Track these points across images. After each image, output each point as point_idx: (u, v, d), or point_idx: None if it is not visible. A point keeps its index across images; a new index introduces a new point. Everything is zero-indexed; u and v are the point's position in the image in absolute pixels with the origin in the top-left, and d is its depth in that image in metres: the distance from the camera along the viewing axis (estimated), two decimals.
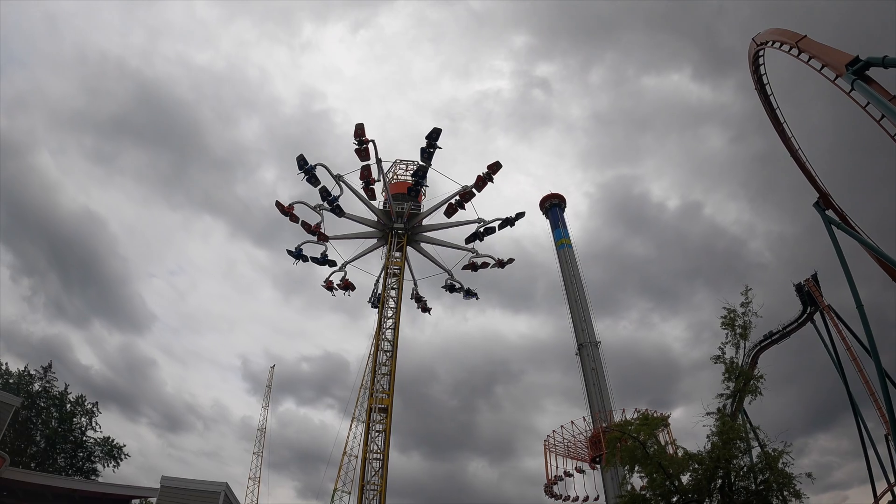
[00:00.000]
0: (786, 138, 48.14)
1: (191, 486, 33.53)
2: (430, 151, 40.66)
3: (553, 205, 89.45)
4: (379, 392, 37.05)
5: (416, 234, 45.66)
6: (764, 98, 46.58)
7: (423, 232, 45.93)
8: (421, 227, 45.52)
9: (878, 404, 57.29)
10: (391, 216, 44.29)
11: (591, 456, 70.67)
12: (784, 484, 24.49)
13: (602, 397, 68.22)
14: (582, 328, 74.67)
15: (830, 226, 47.15)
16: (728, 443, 25.20)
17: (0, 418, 30.83)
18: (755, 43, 42.69)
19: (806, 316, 69.13)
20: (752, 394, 27.82)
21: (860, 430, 59.72)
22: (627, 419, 28.45)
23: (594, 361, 71.34)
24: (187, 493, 32.70)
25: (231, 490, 35.07)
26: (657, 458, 26.83)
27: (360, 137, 40.96)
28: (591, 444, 70.56)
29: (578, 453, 77.85)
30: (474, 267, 45.56)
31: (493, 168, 42.65)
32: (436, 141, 40.76)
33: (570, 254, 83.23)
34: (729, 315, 29.27)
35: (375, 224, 45.23)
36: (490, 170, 42.59)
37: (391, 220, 44.36)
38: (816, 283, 67.86)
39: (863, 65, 30.01)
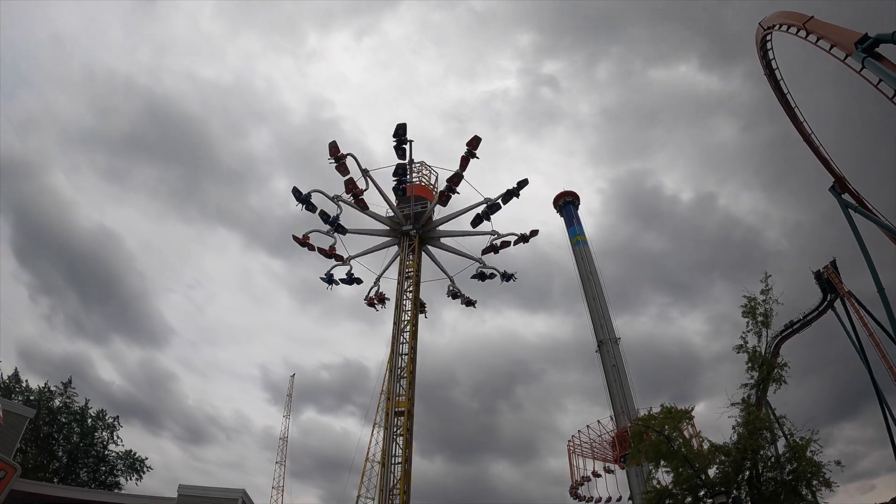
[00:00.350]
0: (798, 123, 47.52)
1: (208, 493, 33.37)
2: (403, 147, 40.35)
3: (567, 202, 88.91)
4: (398, 395, 36.82)
5: (430, 232, 45.52)
6: (774, 83, 46.00)
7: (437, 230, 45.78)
8: (433, 223, 45.33)
9: None
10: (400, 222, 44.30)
11: (616, 456, 69.82)
12: (814, 473, 23.96)
13: (624, 394, 67.50)
14: (601, 325, 74.01)
15: (847, 210, 46.48)
16: (754, 433, 24.69)
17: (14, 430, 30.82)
18: (762, 27, 42.14)
19: (826, 304, 68.11)
20: (776, 382, 27.30)
21: (886, 417, 58.64)
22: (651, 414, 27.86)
23: (614, 358, 70.61)
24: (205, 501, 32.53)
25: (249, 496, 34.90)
26: (683, 451, 26.32)
27: (336, 154, 41.04)
28: (615, 444, 69.77)
29: (603, 453, 77.06)
30: (495, 249, 45.60)
31: (472, 144, 41.76)
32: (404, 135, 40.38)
33: (586, 250, 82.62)
34: (749, 303, 28.81)
35: (387, 231, 45.31)
36: (469, 146, 41.74)
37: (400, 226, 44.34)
38: (836, 270, 66.84)
39: (872, 42, 29.42)
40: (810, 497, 24.44)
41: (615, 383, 68.73)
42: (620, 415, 67.32)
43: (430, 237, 45.74)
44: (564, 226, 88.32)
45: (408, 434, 35.59)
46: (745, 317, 28.81)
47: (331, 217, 42.54)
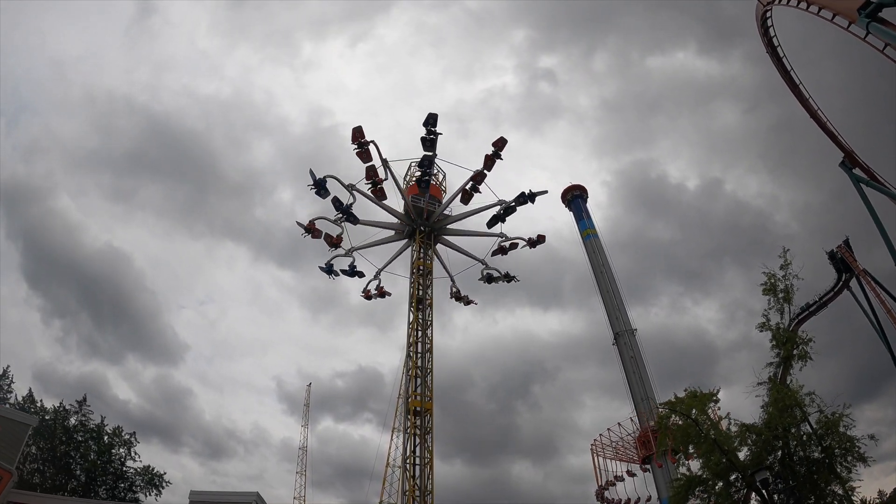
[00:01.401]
0: (803, 100, 46.89)
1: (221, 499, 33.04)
2: (431, 138, 40.29)
3: (575, 196, 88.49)
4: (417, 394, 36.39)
5: (440, 229, 45.34)
6: (776, 61, 45.43)
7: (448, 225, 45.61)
8: (444, 220, 45.19)
9: None
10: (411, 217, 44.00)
11: (641, 457, 68.65)
12: (848, 449, 23.31)
13: (643, 386, 66.80)
14: (616, 317, 73.42)
15: (859, 184, 45.79)
16: (784, 410, 24.06)
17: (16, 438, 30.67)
18: (762, 3, 41.63)
19: (842, 283, 67.28)
20: (802, 359, 26.68)
21: None
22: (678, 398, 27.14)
23: (632, 350, 70.01)
24: None
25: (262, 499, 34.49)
26: (712, 435, 25.65)
27: (360, 140, 40.75)
28: (639, 445, 68.62)
29: (627, 454, 75.87)
30: (504, 251, 45.44)
31: (498, 145, 42.25)
32: (434, 126, 40.42)
33: (598, 243, 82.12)
34: (769, 280, 28.25)
35: (397, 226, 45.06)
36: (496, 147, 42.14)
37: (412, 221, 44.09)
38: (849, 249, 66.00)
39: (875, 6, 28.81)
40: (845, 474, 23.77)
41: (634, 375, 68.08)
42: (643, 415, 66.31)
43: (440, 235, 45.49)
44: (574, 220, 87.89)
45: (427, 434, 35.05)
46: (766, 294, 28.26)
47: (344, 204, 42.08)
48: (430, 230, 43.92)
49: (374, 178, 41.93)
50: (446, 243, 45.83)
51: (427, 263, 42.50)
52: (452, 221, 45.11)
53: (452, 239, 46.03)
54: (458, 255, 46.42)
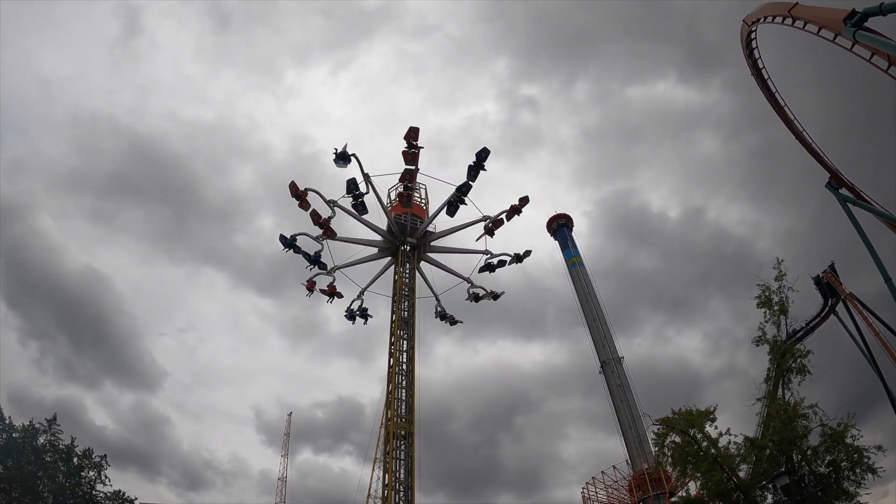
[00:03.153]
0: (789, 122, 46.76)
1: None
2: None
3: (560, 225, 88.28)
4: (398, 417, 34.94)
5: (424, 247, 44.61)
6: (761, 82, 45.35)
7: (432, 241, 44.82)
8: (428, 237, 44.40)
9: None
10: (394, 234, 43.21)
11: (634, 502, 66.50)
12: (856, 461, 22.23)
13: (631, 414, 65.38)
14: (603, 345, 72.38)
15: (846, 203, 45.52)
16: (788, 423, 22.98)
17: None
18: (746, 24, 41.62)
19: (828, 309, 67.15)
20: (801, 373, 25.78)
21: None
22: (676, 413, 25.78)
23: (619, 378, 68.83)
24: None
25: None
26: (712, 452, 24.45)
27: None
28: (633, 488, 66.43)
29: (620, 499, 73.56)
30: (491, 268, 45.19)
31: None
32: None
33: (583, 272, 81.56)
34: (764, 293, 27.53)
35: (380, 244, 44.17)
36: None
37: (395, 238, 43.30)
38: (835, 273, 66.03)
39: (861, 16, 28.56)
40: (853, 489, 22.66)
41: (622, 403, 66.77)
42: (636, 458, 64.61)
43: (424, 253, 44.66)
44: (559, 249, 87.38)
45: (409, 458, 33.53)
46: (761, 307, 27.53)
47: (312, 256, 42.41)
48: (413, 248, 43.11)
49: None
50: (430, 261, 44.99)
51: (409, 282, 41.55)
52: (437, 238, 44.33)
53: (437, 258, 45.26)
54: (442, 275, 45.75)
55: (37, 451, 46.70)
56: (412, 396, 36.05)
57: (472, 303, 45.41)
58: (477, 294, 45.13)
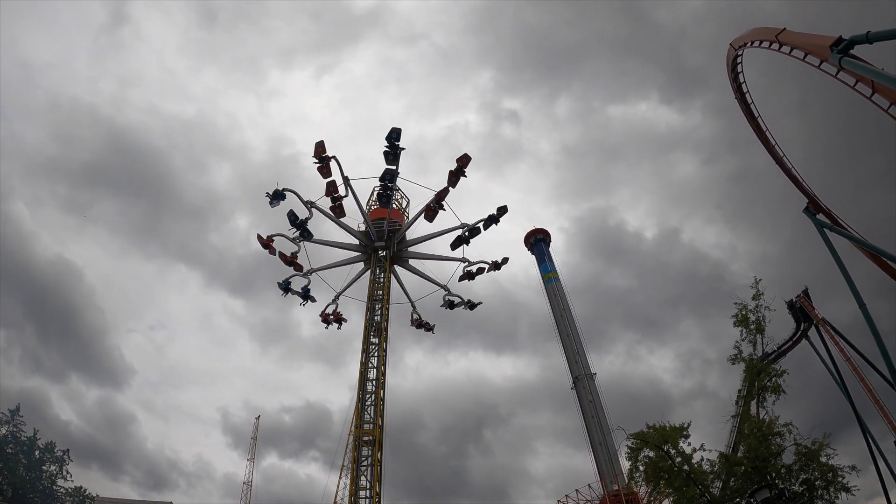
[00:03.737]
0: (770, 146, 47.22)
1: None
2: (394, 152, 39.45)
3: (538, 240, 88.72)
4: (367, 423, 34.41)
5: (400, 252, 44.13)
6: (745, 106, 45.78)
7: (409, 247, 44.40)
8: (405, 243, 43.96)
9: (884, 413, 55.63)
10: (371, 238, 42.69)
11: None
12: (830, 480, 22.22)
13: (601, 430, 65.39)
14: (576, 361, 72.52)
15: (823, 229, 46.06)
16: (764, 440, 22.95)
17: None
18: (733, 48, 42.04)
19: (800, 333, 67.92)
20: (775, 392, 25.82)
21: (868, 443, 57.50)
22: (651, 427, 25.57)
23: (591, 394, 68.89)
24: None
25: None
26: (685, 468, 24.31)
27: (322, 154, 39.77)
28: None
29: None
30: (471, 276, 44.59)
31: (462, 161, 41.59)
32: (397, 140, 39.72)
33: (559, 287, 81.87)
34: (741, 312, 27.58)
35: (356, 247, 43.69)
36: (460, 163, 41.56)
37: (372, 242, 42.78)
38: (808, 299, 66.82)
39: (847, 44, 28.88)
40: None
41: (592, 419, 66.75)
42: (605, 477, 64.26)
43: (400, 258, 44.24)
44: (536, 263, 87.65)
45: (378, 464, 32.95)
46: (738, 325, 27.57)
47: (299, 219, 41.19)
48: (389, 252, 42.72)
49: (334, 193, 40.82)
50: (407, 267, 44.70)
51: (385, 287, 41.15)
52: (413, 244, 44.06)
53: (414, 264, 44.90)
54: (418, 282, 45.49)
55: None
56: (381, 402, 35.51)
57: (447, 310, 45.35)
58: (452, 301, 45.04)
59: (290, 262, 42.88)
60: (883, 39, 27.20)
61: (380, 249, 42.69)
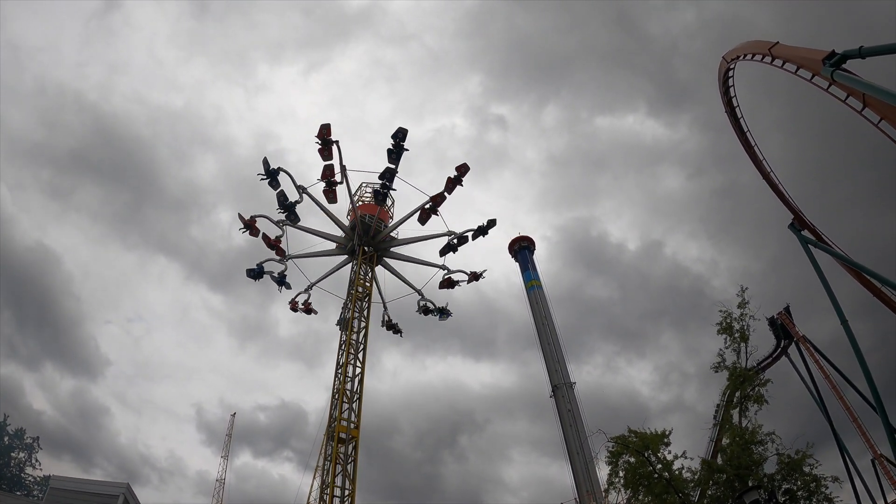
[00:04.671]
0: (758, 161, 47.40)
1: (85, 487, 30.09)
2: (397, 151, 39.26)
3: (522, 247, 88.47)
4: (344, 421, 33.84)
5: (384, 251, 43.70)
6: (734, 120, 45.93)
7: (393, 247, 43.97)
8: (390, 243, 43.56)
9: (862, 431, 55.87)
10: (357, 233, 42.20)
11: None
12: (813, 491, 22.00)
13: (579, 439, 65.04)
14: (556, 369, 72.12)
15: (808, 245, 46.22)
16: (746, 448, 22.69)
17: None
18: (725, 61, 42.11)
19: (780, 350, 68.15)
20: (757, 402, 25.64)
21: (844, 459, 57.72)
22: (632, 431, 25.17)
23: (569, 403, 68.53)
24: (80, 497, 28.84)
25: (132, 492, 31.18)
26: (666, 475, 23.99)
27: (325, 137, 39.46)
28: None
29: None
30: (451, 284, 44.16)
31: (461, 170, 41.65)
32: (402, 140, 39.70)
33: (541, 295, 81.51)
34: (725, 319, 27.40)
35: (339, 239, 43.20)
36: (459, 172, 41.56)
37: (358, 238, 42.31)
38: (789, 316, 67.10)
39: (839, 58, 28.90)
40: None
41: (570, 428, 66.39)
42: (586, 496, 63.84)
43: (382, 257, 43.87)
44: (519, 271, 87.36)
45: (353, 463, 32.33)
46: (722, 333, 27.41)
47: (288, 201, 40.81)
48: (373, 250, 42.33)
49: (331, 177, 40.37)
50: (387, 267, 44.53)
51: (367, 286, 40.79)
52: (397, 245, 43.78)
53: (394, 265, 44.64)
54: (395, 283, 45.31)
55: None
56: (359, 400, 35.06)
57: (421, 315, 45.49)
58: (427, 307, 45.04)
59: (272, 245, 42.19)
60: (876, 55, 27.26)
61: (365, 245, 42.17)
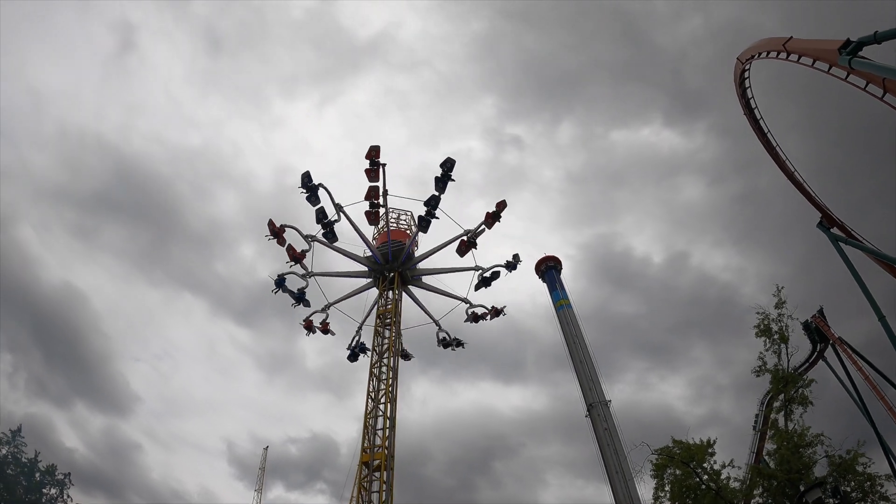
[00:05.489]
0: (781, 162, 46.67)
1: None
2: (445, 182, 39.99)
3: (549, 267, 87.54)
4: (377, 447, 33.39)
5: (411, 277, 43.88)
6: (753, 122, 45.37)
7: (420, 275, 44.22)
8: (416, 270, 43.76)
9: None
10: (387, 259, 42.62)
11: None
12: (869, 490, 21.01)
13: (618, 458, 63.37)
14: (590, 388, 70.62)
15: (838, 243, 45.19)
16: (796, 451, 21.80)
17: None
18: (740, 62, 41.74)
19: (817, 354, 66.36)
20: (802, 404, 24.73)
21: (890, 462, 55.60)
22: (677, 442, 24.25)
23: (606, 421, 66.92)
24: None
25: None
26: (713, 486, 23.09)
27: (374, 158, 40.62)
28: None
29: None
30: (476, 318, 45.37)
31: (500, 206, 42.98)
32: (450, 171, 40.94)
33: (571, 314, 79.94)
34: (763, 322, 26.62)
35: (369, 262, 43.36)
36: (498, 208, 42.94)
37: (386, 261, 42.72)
38: (823, 318, 65.40)
39: (855, 45, 28.47)
40: None
41: (608, 447, 64.76)
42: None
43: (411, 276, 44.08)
44: (547, 291, 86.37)
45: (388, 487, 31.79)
46: (760, 336, 26.60)
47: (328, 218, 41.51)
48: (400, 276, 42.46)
49: (374, 198, 40.78)
50: (420, 285, 44.77)
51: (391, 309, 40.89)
52: (419, 260, 43.97)
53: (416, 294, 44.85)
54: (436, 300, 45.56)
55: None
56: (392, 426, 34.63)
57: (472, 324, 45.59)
58: (476, 313, 45.04)
59: (297, 257, 42.10)
60: (892, 38, 26.78)
61: (392, 271, 42.44)
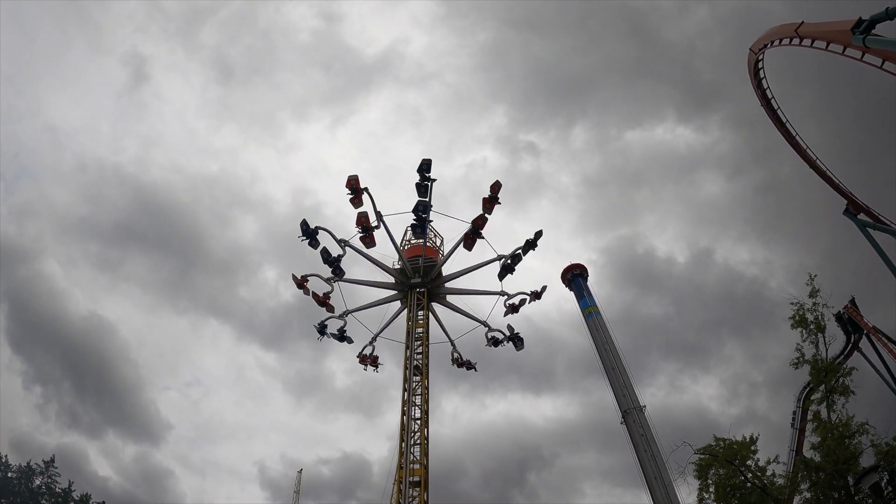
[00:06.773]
0: (801, 150, 45.93)
1: None
2: (425, 184, 39.91)
3: (575, 275, 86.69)
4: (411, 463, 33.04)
5: (437, 289, 43.70)
6: (771, 112, 44.73)
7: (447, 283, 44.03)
8: (442, 279, 43.55)
9: None
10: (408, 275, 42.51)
11: None
12: None
13: (655, 463, 62.14)
14: (623, 394, 69.52)
15: (866, 229, 44.27)
16: (842, 441, 21.10)
17: None
18: (753, 52, 41.27)
19: (851, 345, 64.81)
20: (843, 394, 24.01)
21: None
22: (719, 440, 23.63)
23: (642, 427, 65.77)
24: None
25: None
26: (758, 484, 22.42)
27: (353, 186, 40.50)
28: None
29: None
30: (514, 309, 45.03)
31: (494, 189, 42.29)
32: (428, 172, 40.36)
33: (600, 320, 78.82)
34: (798, 312, 26.00)
35: (390, 285, 43.36)
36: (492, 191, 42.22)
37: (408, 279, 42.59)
38: (856, 308, 63.93)
39: (868, 23, 28.02)
40: None
41: (645, 453, 63.60)
42: None
43: (437, 294, 43.81)
44: (575, 299, 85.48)
45: None
46: (796, 327, 25.95)
47: (332, 256, 41.71)
48: (426, 290, 42.32)
49: (365, 223, 40.92)
50: (446, 304, 44.21)
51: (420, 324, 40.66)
52: (450, 279, 43.57)
53: (452, 300, 44.48)
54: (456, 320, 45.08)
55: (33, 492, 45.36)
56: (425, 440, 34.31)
57: (492, 347, 44.85)
58: (496, 338, 44.42)
59: (323, 302, 42.89)
60: None
61: (417, 286, 42.40)
